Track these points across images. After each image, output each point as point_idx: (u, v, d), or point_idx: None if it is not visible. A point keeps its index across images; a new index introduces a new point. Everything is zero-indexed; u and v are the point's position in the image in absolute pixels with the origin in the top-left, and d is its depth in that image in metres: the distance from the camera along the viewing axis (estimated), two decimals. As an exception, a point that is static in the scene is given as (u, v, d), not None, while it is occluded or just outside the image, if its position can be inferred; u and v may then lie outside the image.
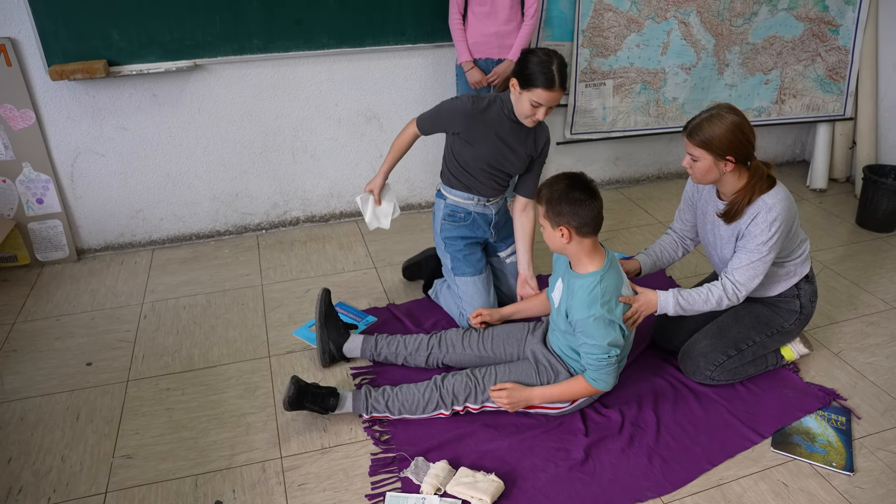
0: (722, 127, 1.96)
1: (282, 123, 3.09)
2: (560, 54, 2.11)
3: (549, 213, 1.92)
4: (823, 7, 3.57)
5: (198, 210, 3.17)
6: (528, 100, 2.11)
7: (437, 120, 2.34)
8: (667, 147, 3.88)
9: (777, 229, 2.00)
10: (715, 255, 2.27)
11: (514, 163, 2.37)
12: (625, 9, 3.26)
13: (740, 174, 2.03)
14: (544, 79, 2.06)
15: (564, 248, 1.96)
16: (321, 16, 2.89)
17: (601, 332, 1.93)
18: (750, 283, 2.06)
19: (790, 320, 2.24)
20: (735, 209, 2.05)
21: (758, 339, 2.24)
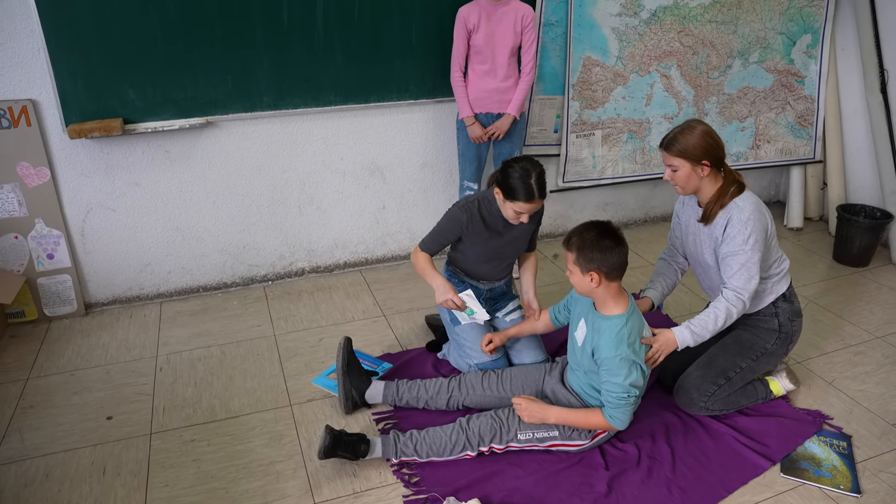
0: (695, 135, 2.17)
1: (289, 177, 3.19)
2: (539, 164, 2.28)
3: (580, 260, 2.03)
4: (789, 60, 3.84)
5: (206, 263, 3.23)
6: (511, 209, 2.29)
7: (438, 238, 2.49)
8: (652, 192, 4.07)
9: (753, 227, 2.15)
10: (698, 267, 2.43)
11: (514, 247, 2.55)
12: (611, 64, 3.47)
13: (715, 179, 2.22)
14: (525, 193, 2.23)
15: (592, 291, 2.08)
16: (328, 74, 3.03)
17: (624, 372, 2.03)
18: (748, 285, 2.18)
19: (771, 341, 2.36)
20: (711, 209, 2.23)
21: (744, 364, 2.35)
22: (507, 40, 2.94)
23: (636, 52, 3.50)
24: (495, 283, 2.66)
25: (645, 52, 3.51)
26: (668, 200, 4.16)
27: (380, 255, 3.54)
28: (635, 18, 3.42)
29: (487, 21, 2.91)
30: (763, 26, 3.70)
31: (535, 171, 2.24)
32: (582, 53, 3.39)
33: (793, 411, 2.47)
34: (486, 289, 2.66)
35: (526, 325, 2.51)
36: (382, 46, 3.07)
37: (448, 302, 2.41)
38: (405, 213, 3.49)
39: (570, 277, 2.11)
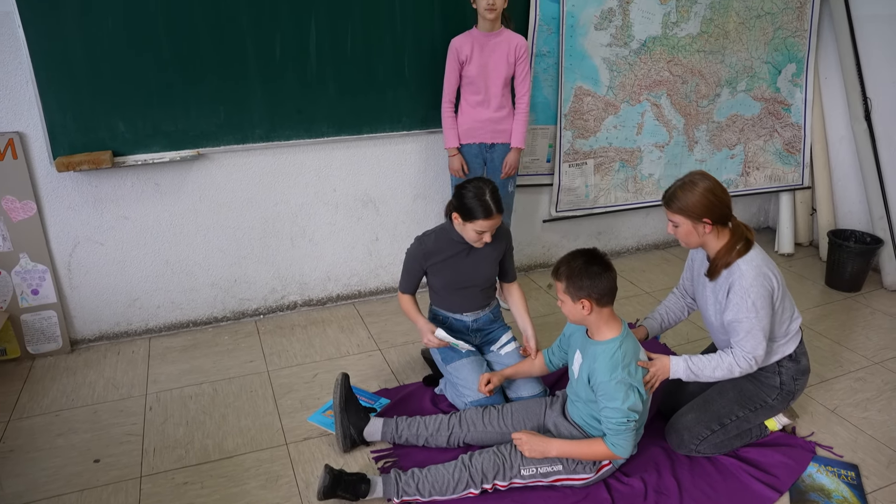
0: (695, 193, 2.11)
1: (281, 209, 3.15)
2: (490, 181, 2.35)
3: (570, 289, 2.02)
4: (776, 89, 3.89)
5: (196, 297, 3.16)
6: (472, 230, 2.32)
7: (407, 277, 2.55)
8: (644, 220, 4.07)
9: (756, 293, 2.09)
10: (704, 318, 2.39)
11: (480, 272, 2.53)
12: (602, 93, 3.49)
13: (720, 234, 2.16)
14: (482, 210, 2.27)
15: (585, 318, 2.06)
16: (321, 105, 3.01)
17: (621, 396, 2.00)
18: (756, 351, 2.14)
19: (772, 395, 2.29)
20: (716, 266, 2.18)
21: (741, 413, 2.28)
22: (501, 71, 2.94)
23: (627, 82, 3.52)
24: (478, 312, 2.62)
25: (635, 82, 3.54)
26: (661, 228, 4.17)
27: (373, 287, 3.49)
28: (625, 49, 3.45)
29: (480, 52, 2.92)
30: (749, 56, 3.75)
31: (487, 187, 2.30)
32: (573, 83, 3.41)
33: (794, 440, 2.43)
34: (470, 320, 2.61)
35: (522, 367, 2.48)
36: (375, 78, 3.06)
37: (429, 342, 2.46)
38: (398, 245, 3.45)
39: (561, 307, 2.10)
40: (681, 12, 3.49)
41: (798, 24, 3.79)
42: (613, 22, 3.37)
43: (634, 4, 3.37)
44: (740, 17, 3.65)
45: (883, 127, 3.67)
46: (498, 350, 2.62)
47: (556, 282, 2.07)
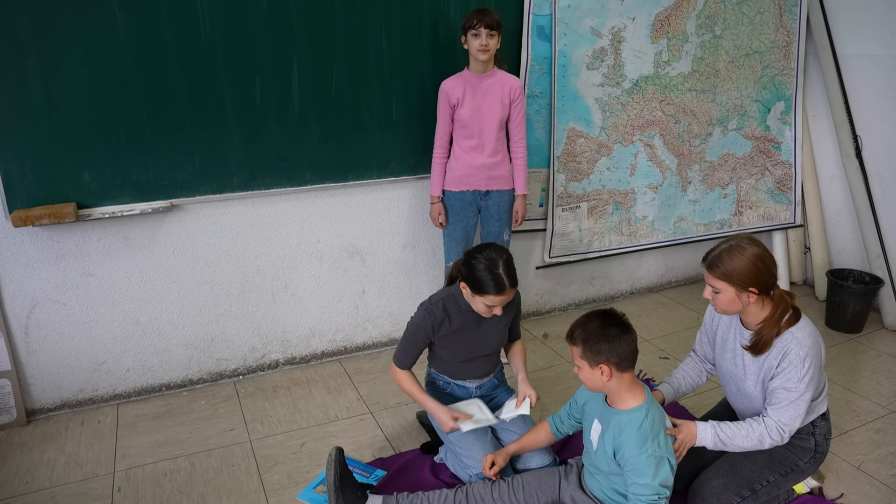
0: (743, 259, 1.94)
1: (261, 262, 2.93)
2: (505, 250, 2.14)
3: (587, 353, 1.85)
4: (766, 127, 3.84)
5: (169, 358, 2.90)
6: (482, 303, 2.12)
7: (408, 350, 2.32)
8: (638, 263, 3.94)
9: (810, 364, 1.96)
10: (733, 386, 2.21)
11: (491, 342, 2.35)
12: (595, 134, 3.38)
13: (763, 304, 2.01)
14: (494, 285, 2.07)
15: (605, 385, 1.89)
16: (304, 151, 2.83)
17: (652, 471, 1.82)
18: (793, 423, 1.99)
19: (805, 458, 2.15)
20: (763, 341, 2.01)
21: (772, 478, 2.12)
22: (495, 113, 2.80)
23: (619, 122, 3.42)
24: (483, 379, 2.43)
25: (628, 122, 3.44)
26: (654, 271, 4.04)
27: (359, 342, 3.27)
28: (618, 88, 3.35)
29: (473, 94, 2.78)
30: (739, 94, 3.70)
31: (501, 258, 2.08)
32: (566, 125, 3.29)
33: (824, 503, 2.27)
34: (474, 387, 2.42)
35: (527, 440, 2.27)
36: (361, 122, 2.90)
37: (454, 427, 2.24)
38: (386, 298, 3.25)
39: (578, 373, 1.93)
40: (672, 51, 3.42)
41: (785, 62, 3.76)
42: (605, 61, 3.28)
43: (626, 43, 3.29)
44: (730, 56, 3.60)
45: (874, 165, 3.62)
46: (501, 416, 2.41)
47: (572, 346, 1.90)
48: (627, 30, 3.27)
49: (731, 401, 2.29)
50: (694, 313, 3.76)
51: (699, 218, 3.83)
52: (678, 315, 3.74)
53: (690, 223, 3.82)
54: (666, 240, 3.78)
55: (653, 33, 3.34)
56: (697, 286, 4.17)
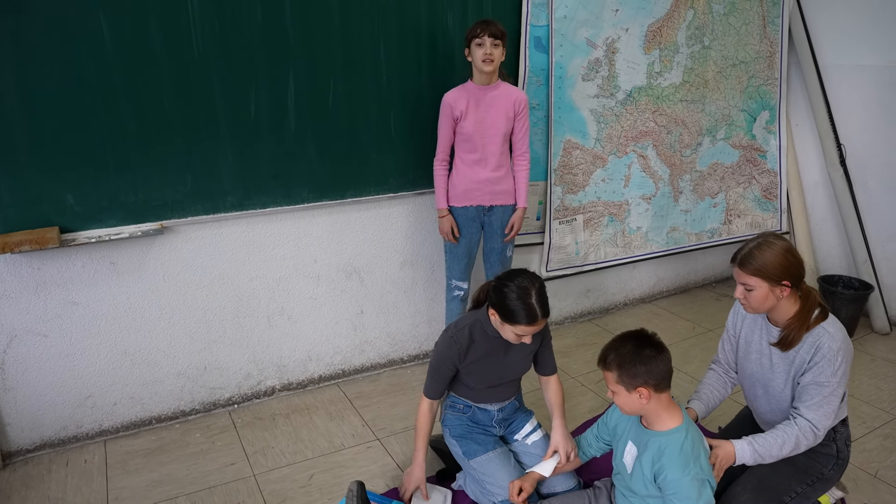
0: (774, 252, 1.94)
1: (256, 285, 2.80)
2: (538, 278, 2.03)
3: (624, 378, 1.79)
4: (752, 136, 3.88)
5: (160, 389, 2.74)
6: (512, 332, 2.02)
7: (437, 379, 2.21)
8: (631, 274, 3.93)
9: (843, 359, 1.95)
10: (759, 388, 2.18)
11: (517, 369, 2.27)
12: (590, 146, 3.36)
13: (794, 300, 2.01)
14: (526, 315, 1.97)
15: (643, 408, 1.83)
16: (300, 169, 2.72)
17: (696, 493, 1.77)
18: (826, 421, 1.98)
19: (828, 466, 2.12)
20: (792, 336, 2.00)
21: (799, 489, 2.09)
22: (500, 126, 2.74)
23: (613, 133, 3.41)
24: (504, 402, 2.36)
25: (622, 133, 3.43)
26: (646, 281, 4.04)
27: (358, 364, 3.16)
28: (612, 99, 3.34)
29: (476, 107, 2.71)
30: (727, 104, 3.73)
31: (534, 287, 1.98)
32: (562, 137, 3.26)
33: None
34: (496, 410, 2.34)
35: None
36: (359, 137, 2.81)
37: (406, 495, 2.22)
38: (385, 318, 3.15)
39: (614, 399, 1.86)
40: (664, 62, 3.43)
41: (769, 72, 3.82)
42: (600, 72, 3.26)
43: (620, 54, 3.28)
44: (718, 66, 3.63)
45: (858, 172, 3.70)
46: (523, 440, 2.33)
47: (606, 372, 1.84)
48: (621, 41, 3.27)
49: (755, 405, 2.26)
50: (689, 323, 3.76)
51: (691, 227, 3.84)
52: (674, 325, 3.74)
53: (682, 233, 3.82)
54: (659, 250, 3.78)
55: (645, 44, 3.34)
56: (689, 295, 4.19)
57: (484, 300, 2.19)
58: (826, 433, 2.11)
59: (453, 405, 2.32)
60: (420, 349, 3.31)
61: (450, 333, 2.15)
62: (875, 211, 3.67)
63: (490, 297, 2.07)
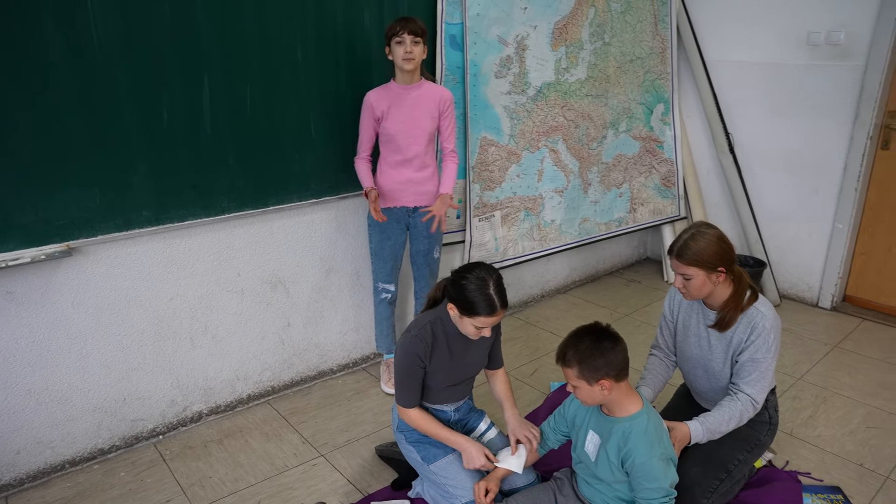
0: (707, 241, 2.08)
1: (177, 305, 2.63)
2: (494, 269, 2.06)
3: (585, 372, 1.86)
4: (650, 128, 4.12)
5: (73, 429, 2.50)
6: (471, 325, 2.03)
7: (408, 383, 2.15)
8: (546, 266, 4.06)
9: (775, 335, 2.13)
10: (699, 369, 2.33)
11: (476, 365, 2.29)
12: (504, 142, 3.43)
13: (728, 283, 2.16)
14: (486, 305, 1.98)
15: (605, 399, 1.90)
16: (219, 178, 2.58)
17: (663, 472, 1.87)
18: (764, 393, 2.15)
19: (763, 432, 2.32)
20: (728, 317, 2.15)
21: (741, 456, 2.26)
22: (424, 126, 2.74)
23: (526, 129, 3.50)
24: (460, 401, 2.36)
25: (534, 129, 3.53)
26: (560, 272, 4.18)
27: (287, 379, 3.04)
28: (523, 96, 3.43)
29: (399, 107, 2.70)
30: (627, 98, 3.94)
31: (491, 278, 2.01)
32: (479, 134, 3.31)
33: (778, 473, 2.46)
34: (452, 410, 2.34)
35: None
36: (279, 142, 2.71)
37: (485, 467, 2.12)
38: (312, 328, 3.05)
39: (576, 393, 1.92)
40: (570, 58, 3.56)
41: (662, 67, 4.07)
42: (511, 70, 3.34)
43: (529, 52, 3.38)
44: (618, 62, 3.82)
45: (745, 159, 4.03)
46: (479, 438, 2.35)
47: (566, 368, 1.89)
48: (530, 38, 3.36)
49: (694, 385, 2.41)
50: (606, 310, 3.94)
51: (600, 218, 4.02)
52: (592, 313, 3.90)
53: (593, 223, 3.99)
54: (573, 241, 3.93)
55: (553, 41, 3.46)
56: (600, 283, 4.38)
57: (440, 298, 2.18)
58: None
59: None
60: (349, 358, 3.24)
61: (412, 333, 2.12)
62: (761, 193, 4.01)
63: (448, 291, 2.07)
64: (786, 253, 3.99)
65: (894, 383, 3.09)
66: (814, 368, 3.22)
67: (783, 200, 3.93)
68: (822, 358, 3.32)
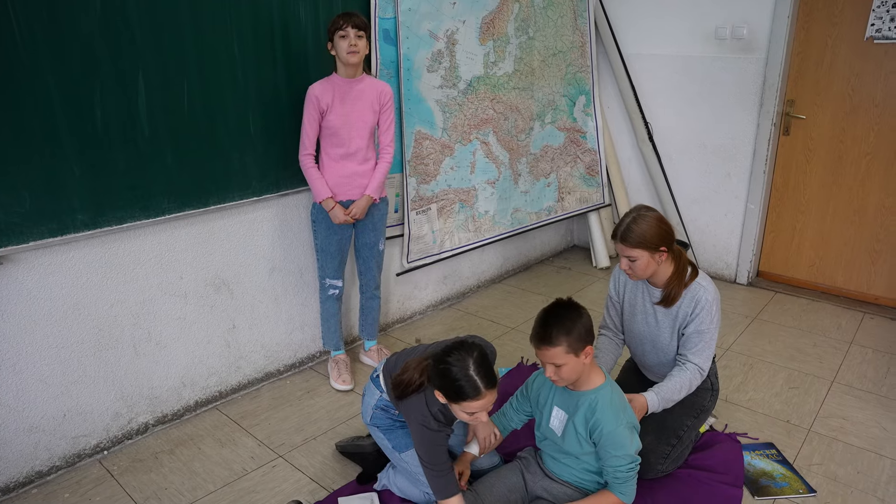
0: (649, 223, 2.24)
1: (117, 312, 2.54)
2: (476, 346, 1.95)
3: (573, 345, 1.91)
4: (573, 119, 4.32)
5: (6, 452, 2.37)
6: (462, 412, 1.95)
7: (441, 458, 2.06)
8: (481, 257, 4.18)
9: (717, 307, 2.32)
10: (647, 344, 2.50)
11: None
12: (438, 136, 3.51)
13: (670, 261, 2.33)
14: (471, 389, 1.87)
15: (583, 370, 1.99)
16: (158, 177, 2.52)
17: (628, 440, 2.00)
18: (708, 361, 2.34)
19: (706, 398, 2.52)
20: (673, 293, 2.32)
21: (689, 422, 2.45)
22: (367, 120, 2.78)
23: (458, 123, 3.60)
24: None
25: (465, 122, 3.63)
26: (495, 262, 4.31)
27: (235, 383, 3.00)
28: (454, 90, 3.52)
29: (342, 100, 2.73)
30: (551, 90, 4.12)
31: (471, 356, 1.90)
32: (413, 128, 3.37)
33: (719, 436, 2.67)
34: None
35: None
36: (219, 139, 2.67)
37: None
38: (258, 329, 3.02)
39: (560, 372, 1.95)
40: (497, 52, 3.69)
41: (582, 60, 4.28)
42: (443, 64, 3.42)
43: (459, 46, 3.47)
44: (541, 56, 3.99)
45: (663, 146, 4.30)
46: None
47: (552, 348, 1.91)
48: (459, 32, 3.46)
49: (642, 360, 2.58)
50: (541, 297, 4.10)
51: (530, 207, 4.18)
52: (529, 301, 4.05)
53: (524, 213, 4.15)
54: (506, 231, 4.06)
55: (481, 35, 3.57)
56: (532, 271, 4.55)
57: (418, 382, 2.05)
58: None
59: (387, 409, 2.29)
60: (296, 357, 3.23)
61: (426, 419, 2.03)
62: (680, 179, 4.30)
63: (432, 379, 1.98)
64: (705, 234, 4.29)
65: (806, 347, 3.41)
66: (739, 339, 3.50)
67: (700, 185, 4.23)
68: (744, 329, 3.61)
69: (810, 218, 3.99)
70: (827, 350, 3.37)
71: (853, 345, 3.43)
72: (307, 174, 2.80)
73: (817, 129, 3.85)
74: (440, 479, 2.03)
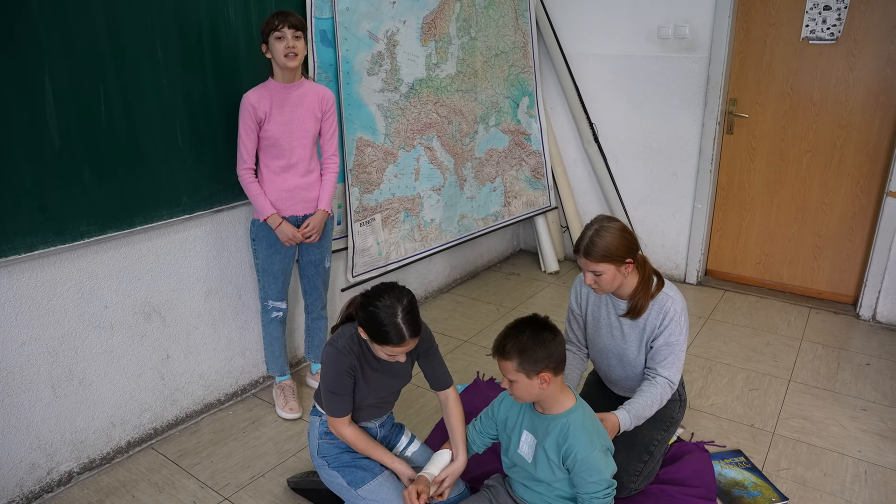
0: (612, 235, 2.14)
1: (31, 350, 2.27)
2: (406, 293, 1.96)
3: (525, 365, 1.83)
4: (517, 121, 4.24)
5: None
6: (382, 351, 1.97)
7: (339, 393, 2.04)
8: (428, 267, 4.04)
9: (685, 317, 2.26)
10: (613, 359, 2.41)
11: (403, 378, 2.20)
12: (380, 142, 3.35)
13: (635, 271, 2.24)
14: (395, 334, 1.89)
15: (542, 394, 1.89)
16: (74, 197, 2.27)
17: (603, 464, 1.91)
18: (678, 374, 2.27)
19: (675, 409, 2.45)
20: (640, 304, 2.24)
21: (659, 436, 2.38)
22: (308, 128, 2.60)
23: (401, 128, 3.45)
24: (384, 416, 2.27)
25: (408, 127, 3.49)
26: (441, 272, 4.18)
27: (171, 418, 2.75)
28: (396, 93, 3.37)
29: (281, 108, 2.53)
30: (495, 92, 4.02)
31: (400, 304, 1.90)
32: (354, 135, 3.20)
33: (687, 446, 2.62)
34: (377, 425, 2.25)
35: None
36: (143, 152, 2.43)
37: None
38: (194, 358, 2.79)
39: (512, 389, 1.88)
40: (440, 53, 3.56)
41: (525, 61, 4.19)
42: (383, 66, 3.26)
43: (400, 47, 3.32)
44: (484, 57, 3.88)
45: (609, 147, 4.27)
46: (403, 452, 2.26)
47: (504, 361, 1.85)
48: (400, 33, 3.31)
49: (608, 375, 2.49)
50: (492, 305, 3.99)
51: (477, 213, 4.07)
52: (479, 310, 3.93)
53: (471, 219, 4.03)
54: (453, 239, 3.93)
55: (422, 36, 3.43)
56: (480, 279, 4.44)
57: (353, 316, 2.06)
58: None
59: (329, 432, 2.14)
60: (237, 385, 3.01)
61: (338, 345, 2.02)
62: (627, 179, 4.28)
63: (358, 315, 1.97)
64: (653, 234, 4.28)
65: (760, 346, 3.42)
66: (694, 342, 3.48)
67: (647, 185, 4.22)
68: (699, 331, 3.60)
69: (755, 216, 4.03)
70: (780, 348, 3.39)
71: (804, 341, 3.47)
72: (247, 189, 2.59)
73: (759, 128, 3.89)
74: (336, 403, 2.05)
